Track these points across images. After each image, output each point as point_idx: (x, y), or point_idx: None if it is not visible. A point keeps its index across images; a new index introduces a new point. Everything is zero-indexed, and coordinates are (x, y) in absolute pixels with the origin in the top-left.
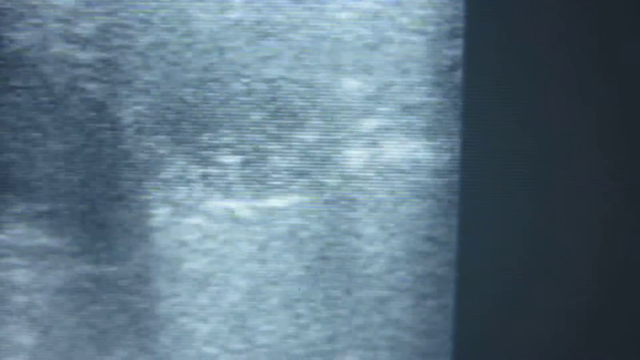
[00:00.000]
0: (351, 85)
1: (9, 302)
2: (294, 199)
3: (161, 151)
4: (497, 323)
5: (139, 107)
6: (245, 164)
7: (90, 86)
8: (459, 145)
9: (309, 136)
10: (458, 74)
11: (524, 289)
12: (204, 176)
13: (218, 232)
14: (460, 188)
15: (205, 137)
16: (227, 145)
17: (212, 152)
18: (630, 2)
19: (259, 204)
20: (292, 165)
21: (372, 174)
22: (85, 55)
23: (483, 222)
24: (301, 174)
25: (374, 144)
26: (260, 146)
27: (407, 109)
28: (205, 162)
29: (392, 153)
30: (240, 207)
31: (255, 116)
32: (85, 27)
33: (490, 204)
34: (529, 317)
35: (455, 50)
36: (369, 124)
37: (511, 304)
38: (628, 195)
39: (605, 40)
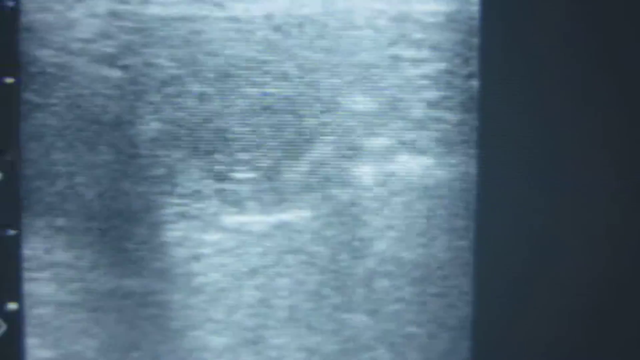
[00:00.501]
0: (364, 101)
1: (30, 314)
2: (307, 213)
3: (178, 166)
4: (514, 332)
5: (156, 124)
6: (259, 179)
7: (110, 102)
8: (475, 158)
9: (321, 152)
10: (474, 88)
11: (540, 296)
12: (219, 191)
13: (232, 246)
14: (476, 201)
15: (219, 154)
16: (241, 162)
17: (226, 168)
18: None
19: (272, 218)
20: (304, 180)
21: (384, 189)
22: (106, 72)
23: (499, 235)
24: (313, 190)
25: (388, 158)
26: (270, 162)
27: (421, 123)
28: (220, 177)
29: (406, 167)
30: (254, 221)
31: (269, 133)
32: (107, 45)
33: (506, 216)
34: (542, 319)
35: (470, 67)
36: (382, 139)
37: (529, 312)
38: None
39: (613, 47)
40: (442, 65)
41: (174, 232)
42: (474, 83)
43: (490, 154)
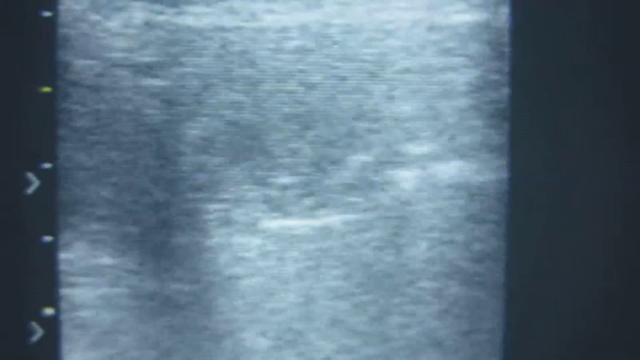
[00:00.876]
0: (401, 108)
1: (74, 318)
2: (348, 217)
3: (219, 173)
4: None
5: (198, 131)
6: (300, 184)
7: (152, 110)
8: (507, 164)
9: (362, 157)
10: (504, 94)
11: (569, 292)
12: (261, 196)
13: (275, 250)
14: (510, 204)
15: (260, 159)
16: (283, 166)
17: (267, 173)
18: None
19: (314, 222)
20: (345, 185)
21: (424, 193)
22: (147, 81)
23: (532, 238)
24: (355, 194)
25: (426, 163)
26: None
27: (455, 129)
28: (261, 182)
29: (442, 173)
30: (296, 225)
31: (310, 138)
32: (143, 55)
33: (539, 218)
34: (571, 314)
35: (500, 73)
36: (419, 145)
37: (560, 307)
38: None
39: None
40: (475, 73)
41: (216, 237)
42: (505, 90)
43: (522, 158)
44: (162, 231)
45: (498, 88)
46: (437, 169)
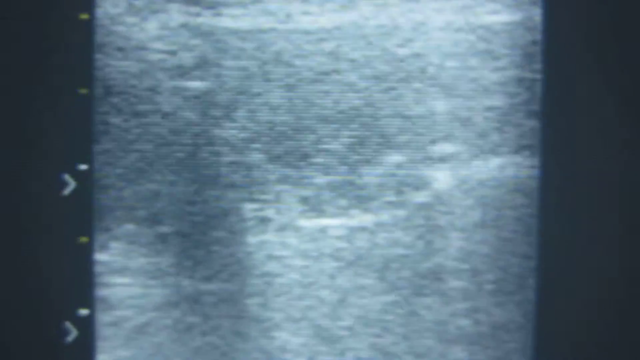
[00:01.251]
0: (436, 107)
1: (109, 318)
2: (382, 217)
3: (255, 172)
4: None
5: (234, 132)
6: (335, 184)
7: (189, 112)
8: (539, 162)
9: (397, 157)
10: (537, 94)
11: (603, 288)
12: (297, 195)
13: (310, 248)
14: (541, 203)
15: (297, 158)
16: (318, 166)
17: (304, 173)
18: None
19: (349, 221)
20: (380, 184)
21: (457, 192)
22: (184, 83)
23: (564, 238)
24: (389, 194)
25: (460, 162)
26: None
27: (489, 127)
28: (298, 182)
29: (476, 171)
30: (331, 224)
31: (345, 138)
32: (183, 56)
33: (571, 217)
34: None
35: (534, 72)
36: (452, 144)
37: (590, 304)
38: None
39: None
40: (509, 72)
41: (252, 236)
42: (538, 89)
43: (554, 156)
44: (198, 231)
45: (531, 87)
46: (471, 168)
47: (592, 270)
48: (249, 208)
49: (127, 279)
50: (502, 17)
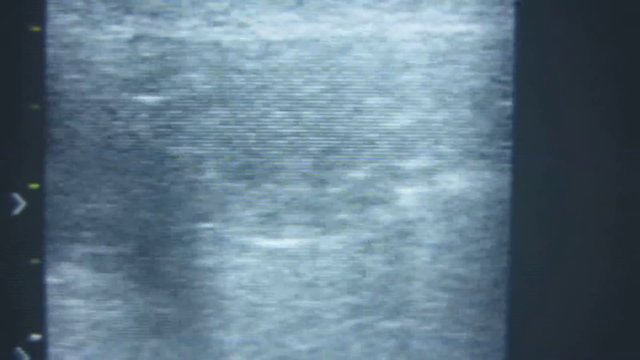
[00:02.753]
0: (402, 121)
1: (66, 339)
2: (345, 235)
3: (209, 190)
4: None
5: (193, 148)
6: (296, 202)
7: (145, 128)
8: (510, 170)
9: (360, 173)
10: (508, 106)
11: (571, 303)
12: (256, 215)
13: (270, 269)
14: (512, 211)
15: (256, 176)
16: (278, 184)
17: (264, 193)
18: None
19: (309, 240)
20: (343, 201)
21: (426, 207)
22: (143, 98)
23: (536, 245)
24: (352, 210)
25: (426, 177)
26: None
27: (457, 138)
28: (257, 201)
29: (445, 184)
30: (292, 244)
31: (305, 154)
32: (139, 70)
33: (542, 225)
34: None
35: (505, 85)
36: (420, 157)
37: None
38: None
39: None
40: (478, 84)
41: (207, 257)
42: (508, 102)
43: (522, 168)
44: (152, 251)
45: (502, 97)
46: (440, 181)
47: (567, 276)
48: (204, 227)
49: (80, 301)
50: (471, 27)
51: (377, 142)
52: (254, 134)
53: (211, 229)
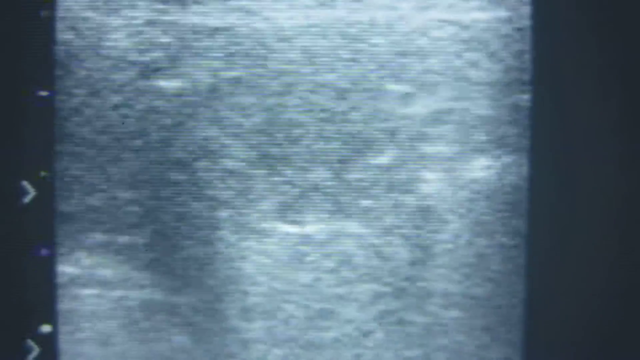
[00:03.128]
0: (421, 109)
1: (81, 330)
2: (366, 221)
3: (228, 177)
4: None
5: (205, 135)
6: (316, 187)
7: (158, 115)
8: (528, 162)
9: (381, 159)
10: (526, 94)
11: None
12: (275, 202)
13: (289, 256)
14: (530, 204)
15: (275, 161)
16: (297, 169)
17: (282, 178)
18: None
19: (331, 227)
20: (362, 188)
21: (446, 194)
22: (153, 83)
23: (554, 242)
24: (373, 197)
25: (448, 162)
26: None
27: (475, 127)
28: (275, 187)
29: (463, 172)
30: (312, 230)
31: (324, 141)
32: (153, 55)
33: (560, 220)
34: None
35: (523, 73)
36: (438, 145)
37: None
38: None
39: None
40: (497, 70)
41: (226, 245)
42: (527, 88)
43: (543, 157)
44: (167, 240)
45: (520, 86)
46: (459, 169)
47: (584, 271)
48: (222, 215)
49: (92, 291)
50: (489, 14)
51: (395, 130)
52: (269, 121)
53: (229, 216)
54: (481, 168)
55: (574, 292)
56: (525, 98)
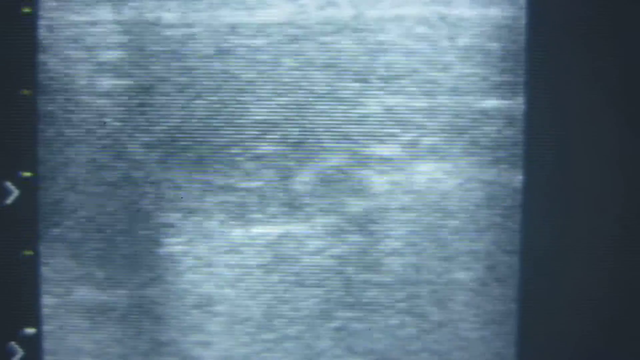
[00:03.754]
0: (414, 104)
1: (61, 332)
2: (316, 223)
3: (179, 178)
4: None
5: (154, 136)
6: (263, 190)
7: (108, 113)
8: (522, 165)
9: (335, 161)
10: (520, 95)
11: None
12: (221, 203)
13: (235, 258)
14: (523, 207)
15: (222, 163)
16: (245, 171)
17: (230, 179)
18: None
19: (277, 229)
20: (314, 190)
21: (406, 197)
22: (106, 83)
23: (545, 241)
24: (325, 199)
25: (433, 165)
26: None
27: (462, 130)
28: (224, 189)
29: (443, 176)
30: (258, 232)
31: (274, 141)
32: (113, 55)
33: (555, 223)
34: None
35: (516, 75)
36: (427, 141)
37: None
38: None
39: None
40: (488, 71)
41: (176, 245)
42: (520, 90)
43: (537, 159)
44: (115, 240)
45: (512, 87)
46: (439, 172)
47: (576, 275)
48: (171, 215)
49: (77, 292)
50: (483, 12)
51: (376, 124)
52: (220, 121)
53: (179, 217)
54: (478, 169)
55: (570, 295)
56: (519, 99)
